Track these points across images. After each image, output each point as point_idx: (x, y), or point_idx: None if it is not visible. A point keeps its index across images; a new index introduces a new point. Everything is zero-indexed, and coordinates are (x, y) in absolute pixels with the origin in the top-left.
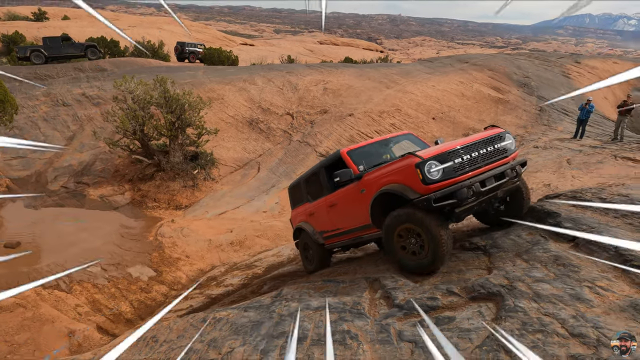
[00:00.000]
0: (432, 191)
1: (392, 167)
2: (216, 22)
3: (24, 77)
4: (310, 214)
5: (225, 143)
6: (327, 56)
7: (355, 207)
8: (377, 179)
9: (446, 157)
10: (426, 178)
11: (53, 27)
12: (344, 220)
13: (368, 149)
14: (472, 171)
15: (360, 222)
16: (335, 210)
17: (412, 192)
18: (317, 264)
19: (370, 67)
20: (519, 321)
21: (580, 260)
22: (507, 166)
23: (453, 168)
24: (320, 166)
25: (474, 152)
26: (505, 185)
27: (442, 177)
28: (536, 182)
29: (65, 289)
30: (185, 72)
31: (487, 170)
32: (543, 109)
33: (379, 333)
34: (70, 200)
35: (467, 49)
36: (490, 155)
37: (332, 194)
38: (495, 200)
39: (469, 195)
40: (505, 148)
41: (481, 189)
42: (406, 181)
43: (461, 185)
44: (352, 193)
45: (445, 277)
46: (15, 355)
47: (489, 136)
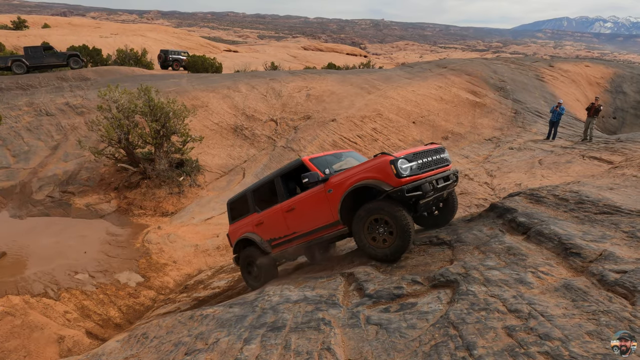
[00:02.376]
0: (404, 184)
1: (364, 166)
2: (199, 28)
3: (5, 87)
4: (258, 224)
5: (211, 150)
6: (311, 62)
7: (320, 207)
8: (346, 179)
9: (412, 158)
10: (399, 173)
11: (33, 36)
12: (304, 222)
13: (325, 159)
14: (429, 172)
15: (324, 222)
16: (293, 214)
17: (386, 185)
18: (264, 277)
19: (353, 72)
20: (469, 302)
21: (529, 250)
22: (450, 172)
23: (417, 167)
24: (277, 175)
25: (428, 157)
26: (449, 187)
27: (410, 173)
28: (508, 182)
29: (54, 297)
30: (169, 80)
31: (438, 173)
32: (518, 112)
33: (349, 319)
34: (55, 209)
35: (449, 53)
36: (438, 162)
37: (289, 199)
38: (440, 200)
39: (430, 189)
40: (446, 159)
41: (437, 186)
42: (381, 176)
43: (425, 180)
44: (317, 194)
45: (412, 269)
46: None
47: (436, 147)
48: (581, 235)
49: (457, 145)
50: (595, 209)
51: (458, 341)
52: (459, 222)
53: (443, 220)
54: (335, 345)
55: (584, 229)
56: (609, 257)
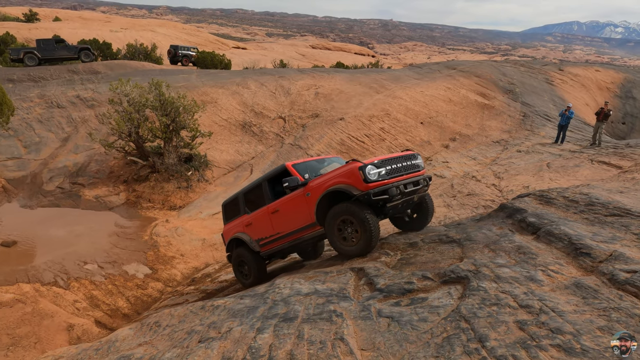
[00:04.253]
0: (371, 189)
1: (337, 171)
2: (208, 24)
3: (17, 79)
4: (248, 225)
5: (219, 145)
6: (319, 61)
7: (300, 210)
8: (322, 183)
9: (380, 164)
10: (367, 178)
11: (44, 29)
12: (286, 223)
13: (308, 164)
14: (398, 177)
15: (303, 223)
16: (277, 216)
17: (355, 189)
18: (254, 275)
19: (361, 72)
20: (480, 298)
21: (539, 249)
22: (421, 177)
23: (385, 173)
24: (264, 179)
25: (398, 164)
26: (419, 192)
27: (377, 179)
28: (516, 184)
29: (63, 286)
30: (179, 76)
31: (408, 178)
32: (527, 115)
33: (361, 311)
34: (65, 200)
35: (458, 55)
36: (409, 167)
37: (274, 202)
38: (412, 204)
39: (397, 194)
40: (418, 165)
41: (405, 190)
42: (351, 181)
43: (392, 185)
44: (297, 198)
45: (422, 266)
46: (18, 346)
47: (408, 154)
48: (591, 236)
49: (465, 146)
50: (606, 211)
51: (470, 334)
52: (468, 221)
53: (420, 223)
54: (348, 336)
55: (594, 230)
56: (619, 257)
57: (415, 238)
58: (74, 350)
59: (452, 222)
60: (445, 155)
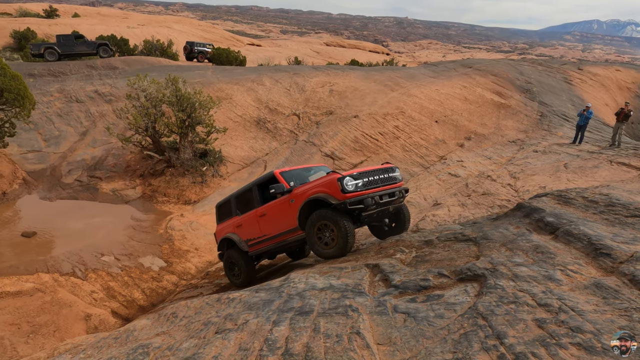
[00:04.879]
0: (348, 198)
1: (319, 181)
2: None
3: (38, 73)
4: (238, 226)
5: (233, 141)
6: (334, 58)
7: (284, 215)
8: (305, 191)
9: (358, 176)
10: (344, 189)
11: (64, 25)
12: (272, 226)
13: (295, 172)
14: (374, 189)
15: (287, 227)
16: (265, 219)
17: (333, 199)
18: (244, 275)
19: (376, 70)
20: (497, 295)
21: (557, 249)
22: (397, 189)
23: (362, 184)
24: (254, 184)
25: (375, 176)
26: (394, 202)
27: (354, 190)
28: (532, 184)
29: (81, 276)
30: (195, 72)
31: (384, 190)
32: (544, 115)
33: (376, 307)
34: (83, 193)
35: (473, 53)
36: (386, 180)
37: (262, 206)
38: (387, 214)
39: (372, 204)
40: (395, 177)
41: (380, 201)
42: (330, 191)
43: (367, 196)
44: (283, 203)
45: (437, 263)
46: (38, 334)
47: (386, 167)
48: (611, 236)
49: (480, 146)
50: (626, 212)
51: (488, 331)
52: (484, 220)
53: (397, 232)
54: (365, 330)
55: (614, 231)
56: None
57: (430, 236)
58: (92, 338)
59: (467, 221)
60: (460, 154)
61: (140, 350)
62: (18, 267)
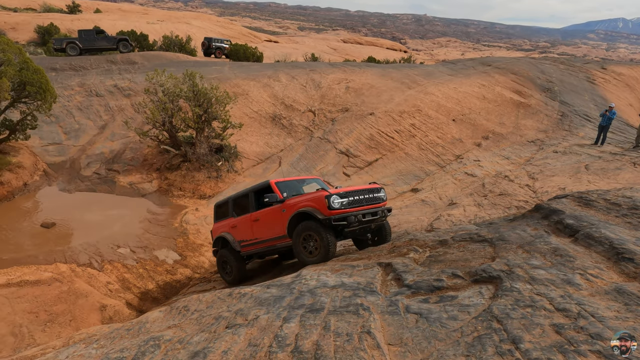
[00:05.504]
0: (333, 214)
1: (308, 196)
2: (241, 18)
3: (60, 67)
4: (233, 227)
5: (249, 137)
6: (351, 55)
7: (276, 222)
8: (296, 203)
9: (344, 195)
10: (330, 206)
11: (86, 20)
12: (264, 231)
13: (289, 183)
14: (359, 207)
15: (277, 234)
16: (258, 224)
17: (320, 214)
18: (235, 273)
19: (393, 67)
20: (513, 298)
21: (577, 252)
22: (380, 209)
23: (348, 203)
24: (251, 190)
25: (361, 196)
26: (376, 221)
27: (340, 207)
28: (552, 185)
29: (98, 267)
30: (212, 67)
31: (367, 209)
32: (565, 114)
33: (388, 306)
34: (101, 185)
35: (493, 51)
36: (371, 200)
37: (257, 211)
38: (369, 230)
39: (355, 222)
40: (380, 197)
41: (362, 219)
42: (318, 206)
43: (351, 214)
44: (275, 212)
45: (451, 264)
46: (54, 323)
47: (372, 188)
48: (634, 240)
49: (498, 145)
50: None
51: (503, 334)
52: (501, 221)
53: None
54: (375, 330)
55: (637, 235)
56: None
57: (445, 236)
58: (106, 329)
59: (483, 222)
60: (477, 154)
61: (151, 343)
62: (37, 257)
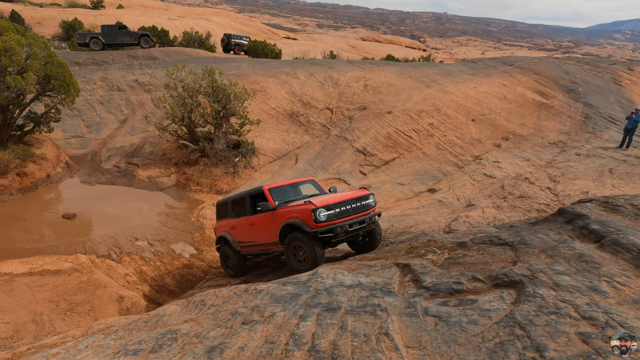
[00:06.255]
0: (319, 227)
1: (297, 207)
2: (260, 14)
3: (83, 62)
4: (233, 227)
5: (266, 134)
6: (369, 53)
7: (269, 229)
8: (286, 213)
9: (331, 207)
10: (316, 219)
11: (108, 15)
12: (259, 236)
13: (282, 188)
14: (345, 217)
15: (270, 239)
16: (254, 228)
17: (307, 226)
18: (236, 269)
19: (412, 65)
20: (536, 305)
21: (603, 259)
22: (367, 216)
23: (334, 215)
24: (247, 194)
25: (348, 206)
26: (364, 229)
27: (326, 219)
28: (574, 189)
29: (116, 259)
30: (231, 64)
31: (355, 218)
32: (589, 116)
33: (406, 308)
34: (121, 179)
35: (514, 51)
36: (358, 208)
37: (252, 215)
38: (359, 236)
39: (341, 233)
40: (368, 204)
41: (349, 229)
42: (305, 219)
43: (337, 226)
44: (268, 219)
45: (471, 267)
46: (74, 312)
47: (359, 196)
48: None
49: (519, 147)
50: None
51: (526, 341)
52: (522, 224)
53: (368, 247)
54: (393, 332)
55: None
56: None
57: (464, 238)
58: (124, 320)
59: (503, 224)
60: (497, 155)
61: (168, 336)
62: (58, 247)
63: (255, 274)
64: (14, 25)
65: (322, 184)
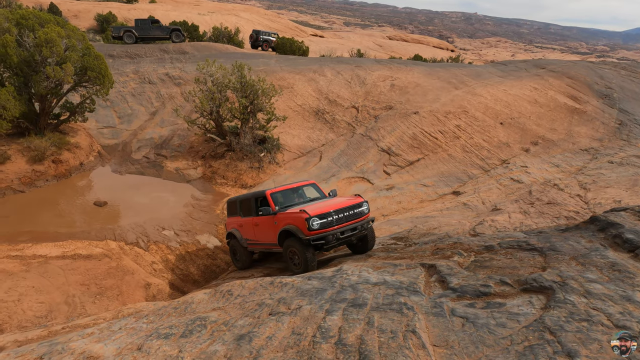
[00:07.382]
0: (312, 235)
1: (293, 215)
2: (288, 11)
3: (117, 54)
4: (240, 225)
5: (291, 130)
6: (396, 52)
7: (270, 231)
8: (284, 218)
9: (324, 216)
10: (310, 227)
11: (141, 9)
12: (262, 236)
13: (284, 192)
14: (338, 224)
15: (271, 240)
16: (257, 228)
17: (301, 233)
18: (243, 262)
19: (440, 66)
20: (567, 311)
21: (638, 269)
22: (360, 223)
23: (327, 223)
24: (253, 196)
25: (341, 214)
26: (356, 235)
27: (319, 227)
28: (606, 197)
29: (144, 247)
30: (259, 60)
31: (348, 225)
32: (623, 123)
33: (433, 308)
34: (150, 169)
35: (546, 54)
36: (352, 216)
37: (257, 217)
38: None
39: (333, 240)
40: (362, 211)
41: (341, 236)
42: (299, 226)
43: (329, 234)
44: (269, 222)
45: (498, 271)
46: (103, 296)
47: (354, 204)
48: None
49: (548, 152)
50: None
51: (556, 346)
52: (551, 230)
53: (362, 249)
54: (420, 330)
55: None
56: None
57: (490, 241)
58: (152, 306)
59: (532, 230)
60: (525, 160)
61: (198, 322)
62: (89, 233)
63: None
64: (54, 18)
65: (346, 182)
